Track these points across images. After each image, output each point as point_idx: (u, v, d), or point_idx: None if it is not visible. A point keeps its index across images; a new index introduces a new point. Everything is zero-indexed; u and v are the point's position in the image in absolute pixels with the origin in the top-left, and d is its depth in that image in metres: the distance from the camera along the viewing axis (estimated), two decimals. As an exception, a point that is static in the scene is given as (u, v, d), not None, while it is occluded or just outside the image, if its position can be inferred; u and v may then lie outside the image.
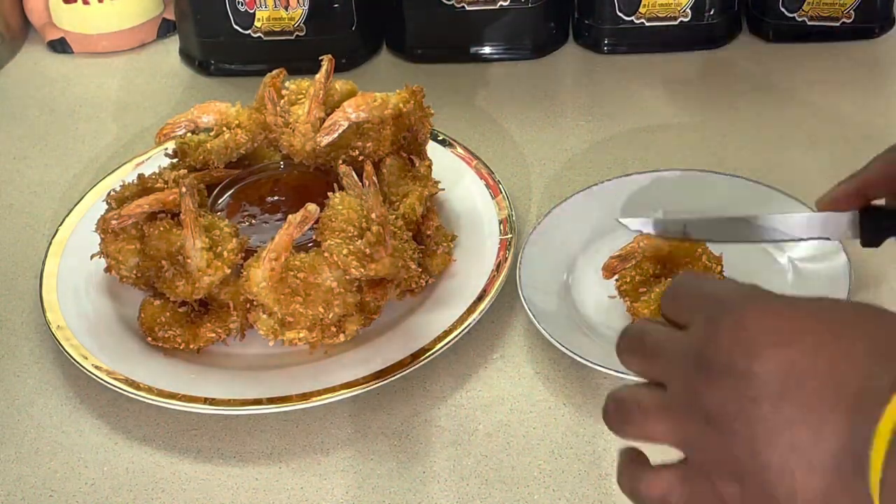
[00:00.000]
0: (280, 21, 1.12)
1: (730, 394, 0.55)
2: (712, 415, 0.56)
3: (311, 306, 0.78)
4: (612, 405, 0.61)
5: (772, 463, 0.54)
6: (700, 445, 0.57)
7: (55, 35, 1.22)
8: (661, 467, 0.60)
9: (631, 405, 0.60)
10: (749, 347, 0.55)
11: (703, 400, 0.56)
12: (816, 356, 0.53)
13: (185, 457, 0.78)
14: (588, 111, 1.07)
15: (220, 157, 0.89)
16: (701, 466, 0.57)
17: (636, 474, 0.61)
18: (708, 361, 0.56)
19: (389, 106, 0.86)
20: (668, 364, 0.59)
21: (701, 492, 0.58)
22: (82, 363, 0.81)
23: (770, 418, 0.54)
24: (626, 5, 1.11)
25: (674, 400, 0.58)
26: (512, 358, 0.83)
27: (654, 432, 0.59)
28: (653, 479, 0.60)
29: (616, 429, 0.61)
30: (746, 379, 0.55)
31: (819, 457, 0.53)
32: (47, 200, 1.02)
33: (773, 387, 0.54)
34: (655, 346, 0.60)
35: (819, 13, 1.11)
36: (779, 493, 0.55)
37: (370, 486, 0.75)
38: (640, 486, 0.60)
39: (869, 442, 0.51)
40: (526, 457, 0.75)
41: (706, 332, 0.57)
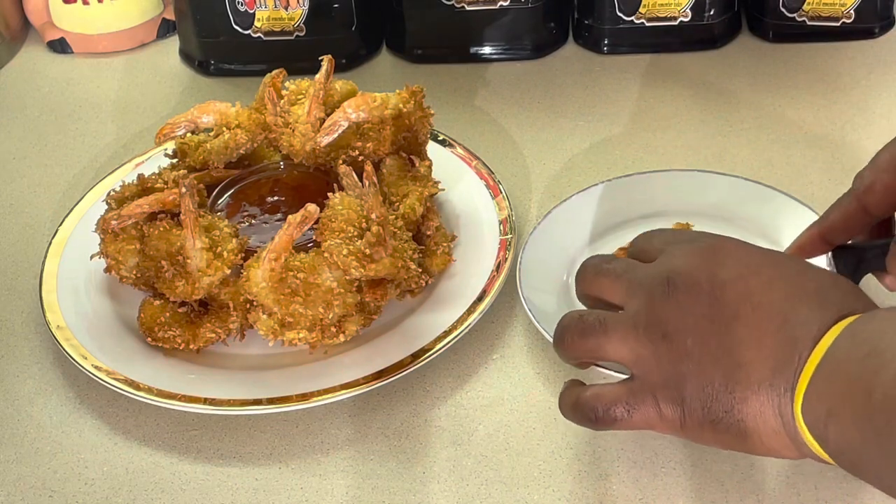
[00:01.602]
0: (280, 21, 1.12)
1: (688, 311, 0.59)
2: (669, 330, 0.59)
3: (311, 306, 0.78)
4: (573, 320, 0.64)
5: (715, 380, 0.58)
6: (653, 360, 0.60)
7: (55, 35, 1.22)
8: (606, 384, 0.63)
9: (593, 320, 0.63)
10: (713, 273, 0.59)
11: (663, 316, 0.60)
12: (772, 288, 0.58)
13: (185, 457, 0.78)
14: (588, 111, 1.07)
15: (220, 157, 0.89)
16: (648, 383, 0.60)
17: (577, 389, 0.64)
18: (674, 280, 0.60)
19: (389, 106, 0.86)
20: (632, 285, 0.62)
21: (645, 409, 0.60)
22: (82, 363, 0.81)
23: (721, 336, 0.58)
24: (626, 5, 1.11)
25: (635, 316, 0.62)
26: (512, 358, 0.83)
27: (611, 346, 0.62)
28: (598, 391, 0.62)
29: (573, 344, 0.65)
30: (707, 299, 0.59)
31: (759, 375, 0.57)
32: (47, 200, 1.02)
33: (729, 309, 0.58)
34: (623, 270, 0.63)
35: (819, 13, 1.11)
36: (717, 410, 0.58)
37: (370, 486, 0.75)
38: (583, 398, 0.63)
39: (803, 363, 0.55)
40: (526, 457, 0.75)
41: (676, 258, 0.61)
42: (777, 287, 0.58)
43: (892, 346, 0.52)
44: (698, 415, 0.59)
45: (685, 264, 0.61)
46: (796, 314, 0.57)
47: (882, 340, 0.53)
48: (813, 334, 0.56)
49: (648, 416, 0.61)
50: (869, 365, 0.52)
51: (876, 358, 0.52)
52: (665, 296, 0.60)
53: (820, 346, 0.55)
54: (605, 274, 0.65)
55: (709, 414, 0.58)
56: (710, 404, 0.58)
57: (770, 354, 0.57)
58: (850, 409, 0.52)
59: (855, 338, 0.55)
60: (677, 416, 0.59)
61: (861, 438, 0.52)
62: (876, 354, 0.52)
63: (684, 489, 0.72)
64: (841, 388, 0.53)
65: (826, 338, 0.56)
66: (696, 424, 0.59)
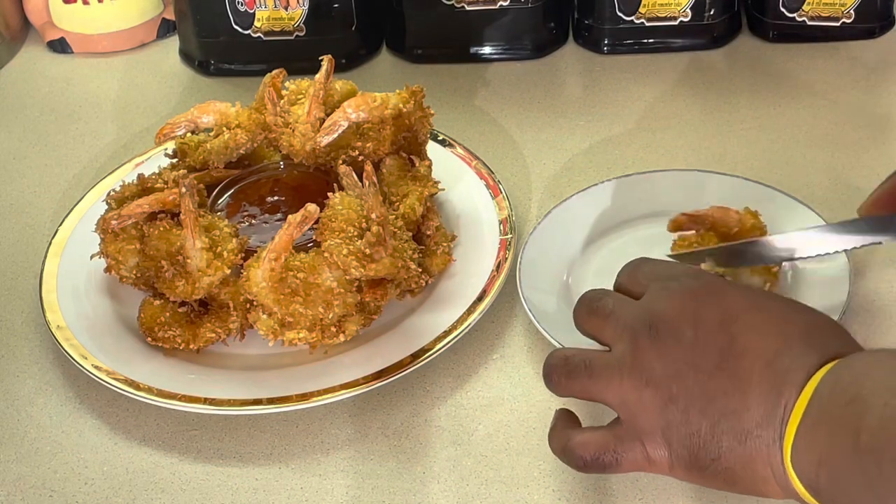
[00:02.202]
0: (280, 21, 1.12)
1: (672, 358, 0.59)
2: (654, 377, 0.59)
3: (311, 306, 0.78)
4: (559, 361, 0.64)
5: (702, 428, 0.58)
6: (638, 406, 0.60)
7: (55, 35, 1.22)
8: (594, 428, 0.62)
9: (578, 362, 0.63)
10: (697, 319, 0.59)
11: (647, 362, 0.60)
12: (755, 335, 0.58)
13: (185, 457, 0.78)
14: (588, 111, 1.07)
15: (220, 157, 0.89)
16: (634, 428, 0.60)
17: (568, 433, 0.63)
18: (657, 327, 0.60)
19: (389, 106, 0.86)
20: (618, 326, 0.62)
21: (633, 454, 0.60)
22: (82, 363, 0.81)
23: (706, 385, 0.58)
24: (626, 5, 1.11)
25: (620, 360, 0.61)
26: (512, 358, 0.83)
27: (596, 390, 0.62)
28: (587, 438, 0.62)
29: (560, 384, 0.65)
30: (690, 347, 0.58)
31: (745, 425, 0.57)
32: (47, 200, 1.02)
33: (712, 358, 0.58)
34: (611, 310, 0.64)
35: (819, 13, 1.11)
36: (705, 457, 0.58)
37: (370, 486, 0.75)
38: (572, 444, 0.63)
39: (789, 412, 0.55)
40: (526, 457, 0.75)
41: (661, 301, 0.61)
42: (760, 333, 0.58)
43: (875, 389, 0.52)
44: (686, 460, 0.59)
45: (669, 308, 0.60)
46: (780, 361, 0.57)
47: (864, 385, 0.53)
48: (797, 382, 0.56)
49: (637, 461, 0.61)
50: (853, 410, 0.52)
51: (859, 403, 0.52)
52: (649, 341, 0.60)
53: (804, 394, 0.55)
54: (595, 313, 0.65)
55: (696, 461, 0.58)
56: (698, 452, 0.58)
57: (755, 404, 0.57)
58: (838, 456, 0.52)
59: (838, 384, 0.54)
60: (665, 460, 0.60)
61: (852, 484, 0.52)
62: (859, 399, 0.52)
63: (684, 489, 0.72)
64: (828, 437, 0.53)
65: (809, 385, 0.55)
66: (684, 469, 0.59)
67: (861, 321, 0.82)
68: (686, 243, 0.84)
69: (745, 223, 0.83)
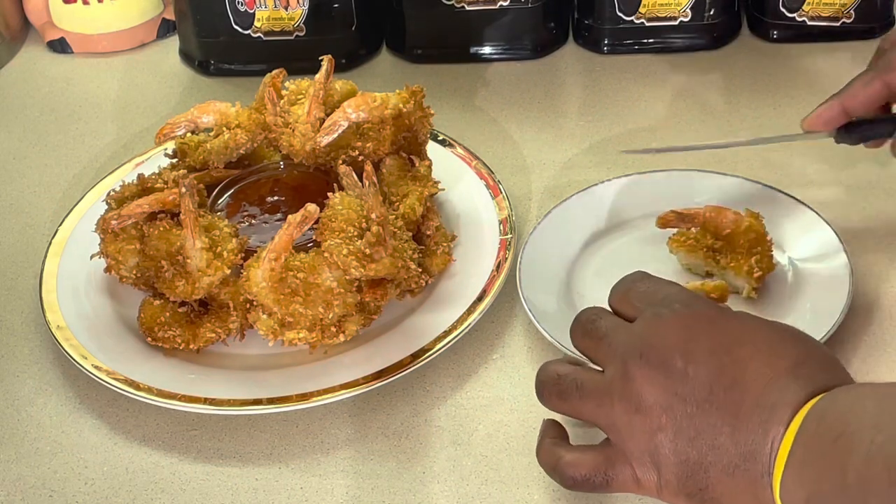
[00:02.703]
0: (280, 21, 1.12)
1: (663, 388, 0.59)
2: (643, 404, 0.60)
3: (311, 306, 0.78)
4: (551, 378, 0.64)
5: (690, 458, 0.58)
6: (627, 431, 0.60)
7: (55, 35, 1.22)
8: (585, 447, 0.63)
9: (570, 383, 0.63)
10: (688, 351, 0.59)
11: (637, 389, 0.60)
12: (745, 369, 0.58)
13: (185, 457, 0.78)
14: (588, 111, 1.07)
15: (220, 157, 0.89)
16: (624, 451, 0.60)
17: (558, 452, 0.64)
18: (649, 355, 0.60)
19: (389, 106, 0.86)
20: (610, 350, 0.62)
21: (623, 476, 0.61)
22: (82, 363, 0.81)
23: (695, 417, 0.58)
24: (626, 5, 1.11)
25: (610, 385, 0.61)
26: (512, 358, 0.83)
27: (586, 411, 0.63)
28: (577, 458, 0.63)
29: (550, 403, 0.66)
30: (681, 378, 0.59)
31: (733, 459, 0.57)
32: (47, 200, 1.02)
33: (702, 390, 0.58)
34: (604, 332, 0.64)
35: (819, 13, 1.11)
36: (693, 486, 0.59)
37: (370, 486, 0.75)
38: (562, 463, 0.63)
39: (776, 448, 0.55)
40: (526, 457, 0.75)
41: (652, 328, 0.62)
42: (749, 366, 0.58)
43: (860, 425, 0.52)
44: (674, 487, 0.59)
45: (660, 337, 0.61)
46: (767, 396, 0.57)
47: (850, 422, 0.53)
48: (784, 418, 0.56)
49: (626, 483, 0.62)
50: (840, 447, 0.52)
51: (846, 440, 0.52)
52: (640, 369, 0.60)
53: (790, 429, 0.56)
54: (590, 334, 0.65)
55: (684, 488, 0.59)
56: (686, 480, 0.59)
57: (742, 439, 0.57)
58: (827, 493, 0.53)
59: (824, 420, 0.55)
60: (653, 483, 0.60)
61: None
62: (845, 436, 0.52)
63: (684, 489, 0.72)
64: (816, 474, 0.54)
65: (795, 420, 0.56)
66: (673, 494, 0.60)
67: (861, 321, 0.82)
68: (683, 238, 0.84)
69: (740, 225, 0.82)
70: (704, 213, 0.83)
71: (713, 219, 0.83)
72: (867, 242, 0.88)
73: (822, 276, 0.82)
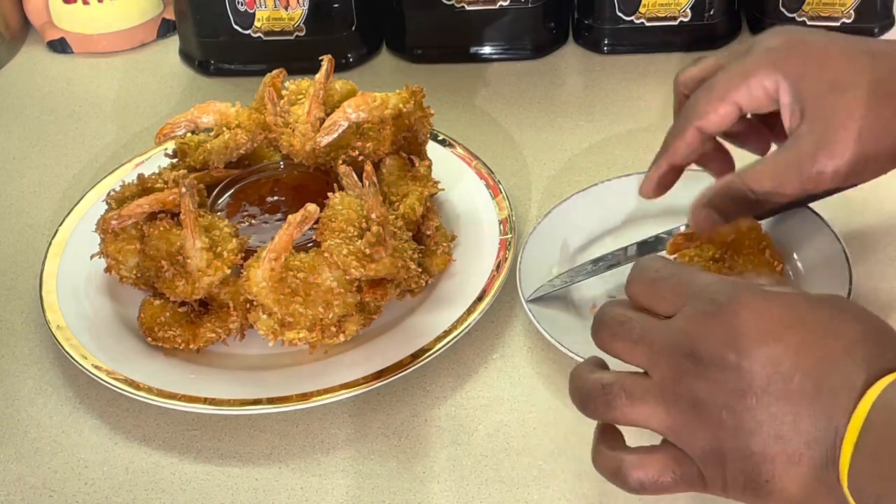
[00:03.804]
0: (280, 21, 1.12)
1: (719, 385, 0.58)
2: (700, 403, 0.58)
3: (311, 306, 0.78)
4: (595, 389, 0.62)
5: (754, 451, 0.57)
6: (688, 432, 0.59)
7: (55, 35, 1.22)
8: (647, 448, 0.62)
9: (617, 390, 0.61)
10: (739, 344, 0.58)
11: (692, 389, 0.58)
12: (799, 355, 0.57)
13: (185, 457, 0.78)
14: (588, 111, 1.07)
15: (220, 157, 0.89)
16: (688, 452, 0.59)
17: (619, 455, 0.62)
18: (699, 354, 0.58)
19: (389, 106, 0.86)
20: (653, 352, 0.60)
21: (690, 476, 0.60)
22: (82, 363, 0.81)
23: (755, 410, 0.57)
24: (626, 5, 1.11)
25: (661, 388, 0.60)
26: (512, 358, 0.83)
27: (639, 417, 0.61)
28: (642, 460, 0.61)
29: (597, 413, 0.62)
30: (735, 373, 0.57)
31: (797, 448, 0.56)
32: (47, 200, 1.02)
33: (759, 382, 0.57)
34: (640, 333, 0.61)
35: (819, 13, 1.11)
36: (758, 478, 0.57)
37: (370, 486, 0.75)
38: (626, 466, 0.62)
39: (841, 435, 0.54)
40: (526, 457, 0.75)
41: (698, 325, 0.59)
42: (804, 353, 0.57)
43: None
44: (741, 482, 0.58)
45: (706, 333, 0.59)
46: (827, 380, 0.56)
47: None
48: (848, 403, 0.55)
49: (692, 482, 0.60)
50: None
51: None
52: (691, 367, 0.59)
53: (855, 417, 0.54)
54: (621, 337, 0.62)
55: (751, 482, 0.58)
56: (751, 473, 0.58)
57: (805, 427, 0.56)
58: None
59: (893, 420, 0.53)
60: (719, 482, 0.59)
61: None
62: None
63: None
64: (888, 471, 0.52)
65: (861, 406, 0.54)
66: (739, 490, 0.59)
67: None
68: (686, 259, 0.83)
69: (741, 227, 0.82)
70: None
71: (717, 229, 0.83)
72: (866, 243, 0.88)
73: (821, 277, 0.82)
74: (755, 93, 0.72)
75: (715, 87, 0.74)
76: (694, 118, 0.75)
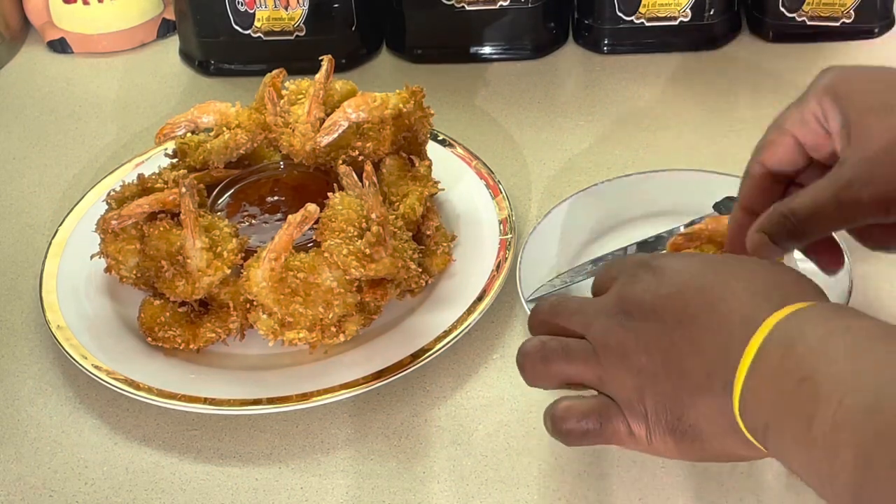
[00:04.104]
0: (280, 21, 1.12)
1: (639, 330, 0.61)
2: (625, 351, 0.62)
3: (311, 306, 0.78)
4: (534, 347, 0.65)
5: (665, 389, 0.60)
6: (616, 382, 0.62)
7: (55, 35, 1.22)
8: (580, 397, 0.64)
9: (554, 347, 0.65)
10: (655, 289, 0.62)
11: (620, 339, 0.62)
12: (704, 294, 0.60)
13: (185, 457, 0.78)
14: (588, 111, 1.07)
15: (220, 157, 0.89)
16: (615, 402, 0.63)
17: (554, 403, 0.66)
18: (628, 308, 0.62)
19: (389, 106, 0.86)
20: (587, 316, 0.64)
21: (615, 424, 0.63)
22: (82, 363, 0.81)
23: (668, 350, 0.60)
24: (626, 5, 1.11)
25: (594, 341, 0.63)
26: (512, 358, 0.82)
27: (574, 371, 0.65)
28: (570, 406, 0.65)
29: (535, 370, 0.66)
30: (652, 316, 0.61)
31: (699, 380, 0.59)
32: (47, 200, 1.02)
33: (670, 323, 0.60)
34: (576, 306, 0.66)
35: (819, 13, 1.11)
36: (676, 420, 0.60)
37: (370, 486, 0.75)
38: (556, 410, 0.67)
39: (735, 365, 0.57)
40: (526, 457, 0.75)
41: (625, 287, 0.64)
42: (710, 294, 0.60)
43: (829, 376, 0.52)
44: (661, 426, 0.61)
45: (632, 288, 0.63)
46: (729, 316, 0.58)
47: (818, 367, 0.53)
48: (743, 335, 0.57)
49: (619, 433, 0.63)
50: (805, 393, 0.53)
51: (811, 387, 0.52)
52: (618, 320, 0.62)
53: (751, 345, 0.56)
54: (559, 313, 0.66)
55: (667, 424, 0.60)
56: (666, 414, 0.60)
57: (706, 359, 0.58)
58: (788, 431, 0.54)
59: (791, 351, 0.55)
60: (643, 430, 0.61)
61: (800, 462, 0.54)
62: (811, 383, 0.53)
63: (684, 489, 0.72)
64: (776, 405, 0.54)
65: (757, 335, 0.56)
66: (660, 436, 0.61)
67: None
68: None
69: None
70: (707, 226, 0.83)
71: (716, 229, 0.83)
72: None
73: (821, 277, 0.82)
74: (808, 120, 0.70)
75: (775, 121, 0.73)
76: (756, 154, 0.73)
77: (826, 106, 0.69)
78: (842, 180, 0.66)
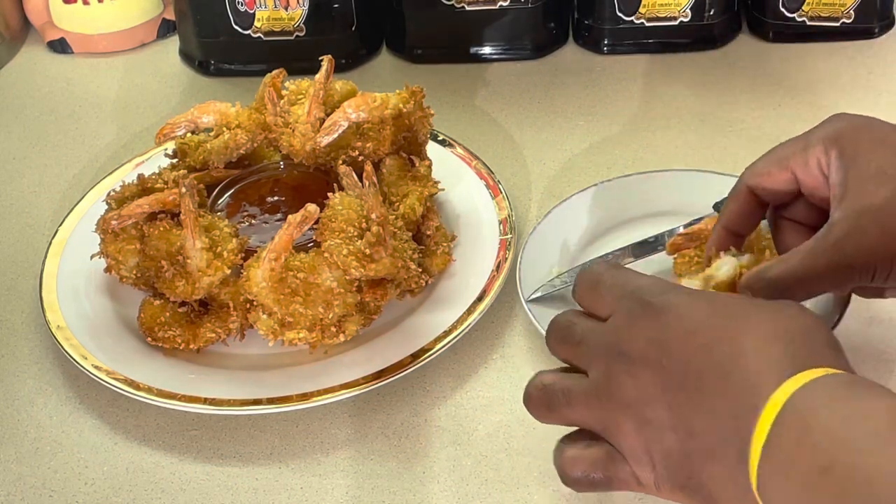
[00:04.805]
0: (280, 21, 1.12)
1: (645, 383, 0.59)
2: (628, 401, 0.59)
3: (311, 306, 0.78)
4: (537, 391, 0.64)
5: (674, 448, 0.58)
6: (619, 431, 0.60)
7: (55, 35, 1.22)
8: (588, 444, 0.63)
9: (556, 391, 0.63)
10: (662, 341, 0.59)
11: (623, 387, 0.60)
12: (711, 351, 0.57)
13: (185, 457, 0.78)
14: (588, 111, 1.07)
15: (220, 157, 0.89)
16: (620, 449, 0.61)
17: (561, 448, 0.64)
18: (629, 352, 0.60)
19: (389, 106, 0.86)
20: (590, 352, 0.62)
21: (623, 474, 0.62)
22: (82, 363, 0.81)
23: (674, 407, 0.58)
24: (626, 5, 1.11)
25: (596, 386, 0.61)
26: (512, 358, 0.83)
27: (578, 417, 0.63)
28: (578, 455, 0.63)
29: (540, 414, 0.64)
30: (656, 367, 0.59)
31: (711, 444, 0.57)
32: (47, 200, 1.02)
33: (676, 377, 0.58)
34: (580, 336, 0.63)
35: (819, 13, 1.11)
36: (682, 476, 0.58)
37: (370, 486, 0.75)
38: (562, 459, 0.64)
39: (750, 435, 0.54)
40: (526, 457, 0.75)
41: (628, 324, 0.61)
42: (717, 350, 0.57)
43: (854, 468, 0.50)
44: (669, 480, 0.59)
45: (633, 332, 0.60)
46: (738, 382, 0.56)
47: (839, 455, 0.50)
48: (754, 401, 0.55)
49: (627, 481, 0.61)
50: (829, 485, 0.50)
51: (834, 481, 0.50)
52: (620, 366, 0.60)
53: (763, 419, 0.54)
54: (566, 340, 0.64)
55: (676, 480, 0.58)
56: (676, 471, 0.58)
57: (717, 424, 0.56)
58: None
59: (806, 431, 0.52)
60: (651, 480, 0.60)
61: None
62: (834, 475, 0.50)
63: (684, 489, 0.72)
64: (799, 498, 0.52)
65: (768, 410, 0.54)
66: (669, 489, 0.59)
67: (861, 321, 0.82)
68: (686, 258, 0.83)
69: None
70: (707, 226, 0.83)
71: None
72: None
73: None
74: (811, 163, 0.69)
75: (775, 151, 0.72)
76: (748, 178, 0.72)
77: (831, 157, 0.68)
78: (829, 245, 0.65)
